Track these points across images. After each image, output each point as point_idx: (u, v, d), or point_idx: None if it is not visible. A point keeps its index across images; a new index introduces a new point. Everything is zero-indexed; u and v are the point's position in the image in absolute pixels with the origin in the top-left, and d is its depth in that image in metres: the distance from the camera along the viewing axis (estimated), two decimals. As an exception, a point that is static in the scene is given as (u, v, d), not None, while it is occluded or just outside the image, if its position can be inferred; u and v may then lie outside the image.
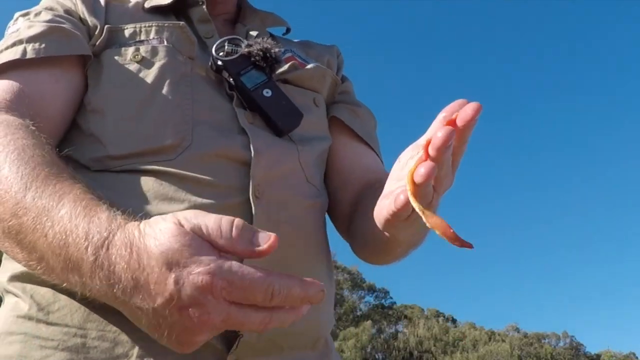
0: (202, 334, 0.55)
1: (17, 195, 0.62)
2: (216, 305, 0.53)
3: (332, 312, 0.90)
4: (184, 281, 0.52)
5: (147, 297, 0.54)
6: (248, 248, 0.56)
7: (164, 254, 0.53)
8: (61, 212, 0.59)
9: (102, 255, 0.56)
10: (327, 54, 1.06)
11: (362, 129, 0.99)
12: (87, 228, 0.58)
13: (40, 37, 0.79)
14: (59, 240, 0.58)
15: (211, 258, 0.53)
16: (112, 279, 0.55)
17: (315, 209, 0.87)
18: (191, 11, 0.93)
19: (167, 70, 0.81)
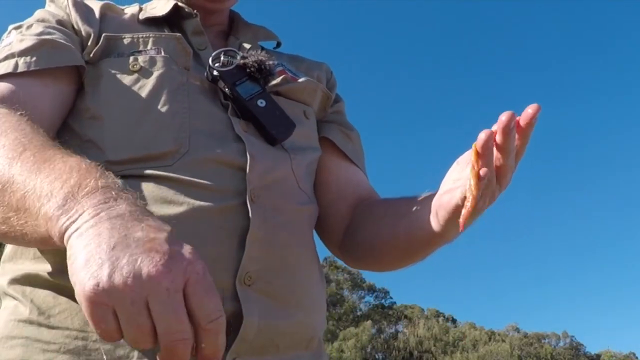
0: (140, 282, 0.49)
1: (13, 155, 0.64)
2: (179, 275, 0.50)
3: (324, 314, 0.94)
4: (176, 242, 0.54)
5: (128, 226, 0.53)
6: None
7: (170, 227, 0.56)
8: (67, 162, 0.61)
9: (112, 189, 0.57)
10: (316, 70, 1.08)
11: (354, 153, 1.05)
12: (102, 174, 0.60)
13: (31, 50, 0.81)
14: (59, 174, 0.59)
15: None
16: (108, 202, 0.55)
17: (306, 215, 0.90)
18: (185, 23, 0.96)
19: (164, 80, 0.84)
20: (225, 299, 0.74)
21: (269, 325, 0.77)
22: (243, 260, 0.76)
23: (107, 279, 0.49)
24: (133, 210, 0.55)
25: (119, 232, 0.52)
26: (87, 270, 0.50)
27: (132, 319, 0.49)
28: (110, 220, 0.53)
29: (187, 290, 0.50)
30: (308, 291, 0.85)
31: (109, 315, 0.49)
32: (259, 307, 0.76)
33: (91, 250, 0.51)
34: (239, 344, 0.74)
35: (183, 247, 0.53)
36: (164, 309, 0.49)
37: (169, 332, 0.49)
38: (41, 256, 0.76)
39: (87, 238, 0.52)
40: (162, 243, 0.52)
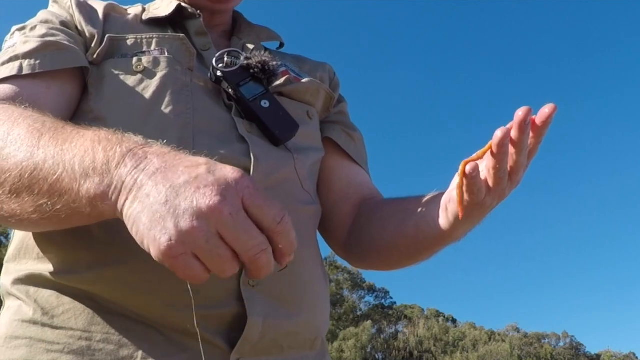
0: (205, 220, 0.52)
1: (31, 142, 0.64)
2: (234, 197, 0.53)
3: (328, 314, 0.94)
4: (216, 169, 0.55)
5: (170, 177, 0.54)
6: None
7: (204, 158, 0.57)
8: (85, 136, 0.62)
9: (138, 149, 0.58)
10: (319, 70, 1.09)
11: (357, 154, 1.05)
12: (119, 139, 0.61)
13: (35, 52, 0.81)
14: (85, 149, 0.60)
15: None
16: (139, 162, 0.57)
17: (310, 215, 0.91)
18: (188, 24, 0.96)
19: (168, 81, 0.84)
20: (229, 300, 0.74)
21: (273, 325, 0.77)
22: None
23: (175, 231, 0.51)
24: (166, 160, 0.57)
25: (164, 186, 0.54)
26: (154, 231, 0.52)
27: (212, 254, 0.52)
28: (151, 178, 0.55)
29: (246, 206, 0.53)
30: (312, 291, 0.86)
31: (191, 261, 0.52)
32: (263, 307, 0.76)
33: (148, 213, 0.53)
34: (243, 344, 0.74)
35: (224, 169, 0.55)
36: (235, 232, 0.52)
37: (248, 250, 0.53)
38: (45, 256, 0.76)
39: (138, 204, 0.54)
40: (206, 176, 0.54)
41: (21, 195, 0.63)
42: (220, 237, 0.52)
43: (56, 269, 0.75)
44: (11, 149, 0.64)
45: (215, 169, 0.55)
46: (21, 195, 0.63)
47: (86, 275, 0.73)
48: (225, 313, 0.74)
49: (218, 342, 0.74)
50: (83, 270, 0.73)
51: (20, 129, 0.66)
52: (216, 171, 0.55)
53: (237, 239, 0.52)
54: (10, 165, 0.64)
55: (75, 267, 0.74)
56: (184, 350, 0.73)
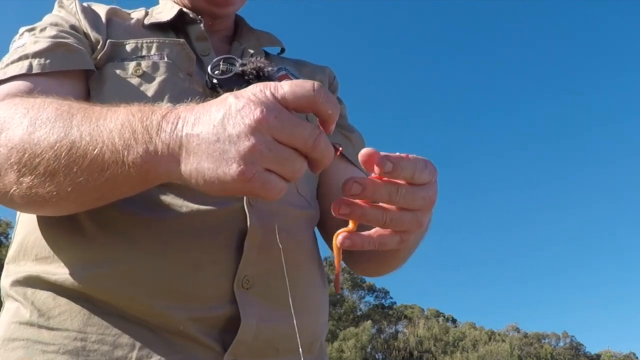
0: (258, 133, 0.54)
1: (63, 123, 0.64)
2: (269, 102, 0.55)
3: (326, 318, 0.94)
4: (243, 93, 0.57)
5: (208, 121, 0.56)
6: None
7: (233, 93, 0.59)
8: (117, 112, 0.63)
9: (169, 114, 0.60)
10: (319, 73, 1.09)
11: (355, 155, 1.04)
12: (150, 109, 0.62)
13: (46, 52, 0.82)
14: (122, 123, 0.61)
15: None
16: (176, 122, 0.58)
17: (305, 219, 0.91)
18: (189, 29, 0.96)
19: (167, 85, 0.84)
20: (223, 302, 0.75)
21: (267, 328, 0.77)
22: (241, 264, 0.76)
23: (239, 156, 0.54)
24: (196, 111, 0.58)
25: (207, 129, 0.56)
26: (222, 168, 0.55)
27: (280, 158, 0.55)
28: (193, 130, 0.57)
29: (288, 105, 0.56)
30: (308, 295, 0.86)
31: (266, 176, 0.55)
32: (257, 310, 0.77)
33: (207, 157, 0.56)
34: (237, 346, 0.75)
35: (247, 90, 0.57)
36: (288, 129, 0.55)
37: (306, 138, 0.56)
38: (43, 257, 0.77)
39: (193, 157, 0.57)
40: (237, 102, 0.56)
41: (57, 176, 0.63)
42: (279, 142, 0.55)
43: (53, 270, 0.76)
44: (42, 132, 0.64)
45: (240, 93, 0.57)
46: (57, 175, 0.63)
47: (82, 276, 0.74)
48: (219, 315, 0.75)
49: (212, 344, 0.74)
50: (79, 271, 0.74)
51: (48, 113, 0.66)
52: (242, 94, 0.57)
53: (293, 134, 0.55)
54: (43, 147, 0.63)
55: (71, 268, 0.75)
56: (178, 351, 0.73)
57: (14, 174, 0.65)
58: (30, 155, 0.64)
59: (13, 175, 0.66)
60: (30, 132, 0.65)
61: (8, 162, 0.65)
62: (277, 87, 0.57)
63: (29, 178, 0.64)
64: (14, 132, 0.66)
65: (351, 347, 31.90)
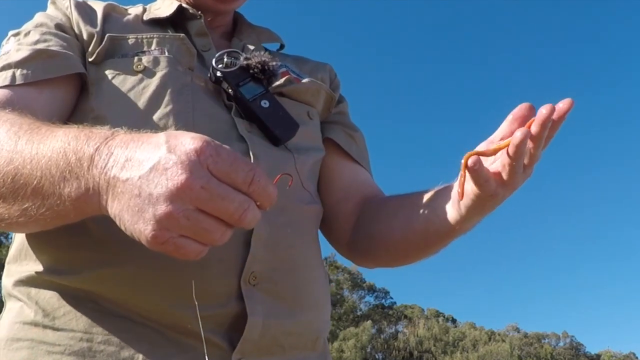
0: (178, 200, 0.52)
1: (9, 147, 0.64)
2: (200, 169, 0.53)
3: (329, 314, 0.94)
4: (175, 145, 0.54)
5: (136, 167, 0.55)
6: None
7: (168, 134, 0.57)
8: (57, 137, 0.62)
9: (103, 146, 0.58)
10: (320, 71, 1.09)
11: (358, 153, 1.05)
12: (87, 135, 0.60)
13: (27, 61, 0.81)
14: (58, 152, 0.60)
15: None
16: (107, 161, 0.57)
17: (310, 214, 0.91)
18: (189, 24, 0.96)
19: (168, 80, 0.84)
20: (230, 299, 0.75)
21: (273, 325, 0.77)
22: (248, 260, 0.76)
23: (154, 219, 0.52)
24: (129, 149, 0.57)
25: (133, 179, 0.54)
26: (138, 225, 0.54)
27: (197, 229, 0.53)
28: (120, 174, 0.55)
29: (215, 175, 0.53)
30: (313, 291, 0.86)
31: (181, 241, 0.54)
32: (264, 307, 0.76)
33: (127, 209, 0.54)
34: (244, 344, 0.74)
35: (183, 144, 0.54)
36: (213, 202, 0.53)
37: (232, 214, 0.54)
38: (45, 257, 0.76)
39: (117, 203, 0.56)
40: (168, 157, 0.53)
41: (7, 200, 0.64)
42: (201, 211, 0.53)
43: (57, 269, 0.75)
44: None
45: (176, 145, 0.54)
46: (7, 199, 0.64)
47: (86, 276, 0.73)
48: (226, 313, 0.74)
49: (219, 342, 0.74)
50: (83, 270, 0.73)
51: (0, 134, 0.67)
52: (177, 148, 0.54)
53: (217, 207, 0.53)
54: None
55: (76, 267, 0.74)
56: (185, 350, 0.73)
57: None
58: None
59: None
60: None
61: None
62: (214, 157, 0.54)
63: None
64: None
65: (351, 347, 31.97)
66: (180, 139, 0.55)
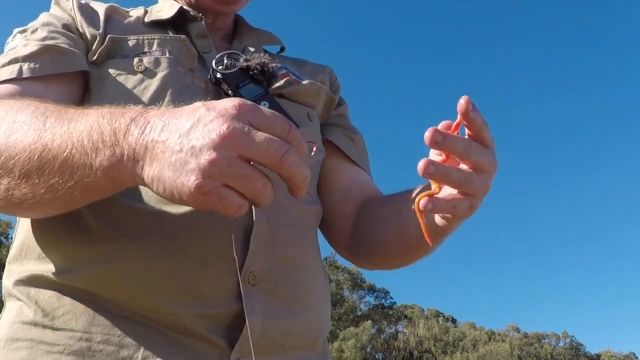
0: (222, 148, 0.54)
1: (36, 126, 0.65)
2: (240, 119, 0.55)
3: (329, 315, 0.94)
4: (214, 105, 0.57)
5: (175, 128, 0.57)
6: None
7: (199, 102, 0.59)
8: (89, 114, 0.63)
9: (139, 116, 0.60)
10: (320, 73, 1.09)
11: (358, 155, 1.06)
12: (121, 110, 0.62)
13: (36, 56, 0.82)
14: (91, 125, 0.61)
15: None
16: (144, 128, 0.59)
17: (309, 215, 0.91)
18: (190, 26, 0.96)
19: (169, 81, 0.84)
20: (229, 299, 0.75)
21: (273, 324, 0.77)
22: (247, 259, 0.76)
23: (198, 168, 0.54)
24: (166, 117, 0.59)
25: (173, 137, 0.56)
26: (180, 178, 0.55)
27: (239, 176, 0.54)
28: (159, 136, 0.57)
29: (255, 125, 0.56)
30: (313, 291, 0.86)
31: (224, 191, 0.54)
32: (263, 306, 0.77)
33: (168, 165, 0.56)
34: (243, 343, 0.74)
35: (221, 102, 0.57)
36: (254, 146, 0.54)
37: (272, 155, 0.55)
38: (46, 257, 0.77)
39: (156, 163, 0.57)
40: (207, 114, 0.56)
41: (31, 178, 0.64)
42: (243, 159, 0.55)
43: (56, 268, 0.75)
44: (18, 135, 0.65)
45: (214, 105, 0.57)
46: (31, 177, 0.64)
47: (86, 275, 0.73)
48: (226, 312, 0.75)
49: (218, 341, 0.74)
50: (83, 269, 0.73)
51: (25, 115, 0.67)
52: (215, 106, 0.57)
53: (258, 151, 0.54)
54: (18, 150, 0.65)
55: (75, 266, 0.74)
56: (184, 350, 0.73)
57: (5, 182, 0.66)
58: (6, 157, 0.65)
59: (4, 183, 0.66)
60: (6, 135, 0.66)
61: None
62: (253, 111, 0.57)
63: (6, 180, 0.66)
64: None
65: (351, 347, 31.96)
66: (217, 102, 0.58)
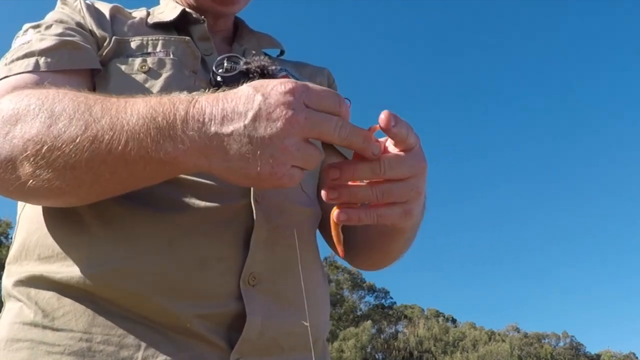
0: (290, 135, 0.58)
1: (80, 115, 0.64)
2: (298, 104, 0.59)
3: (328, 316, 0.94)
4: (270, 93, 0.59)
5: (237, 119, 0.59)
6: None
7: (250, 85, 0.62)
8: (137, 103, 0.64)
9: (192, 108, 0.61)
10: (319, 75, 1.10)
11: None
12: (170, 100, 0.63)
13: (52, 50, 0.81)
14: (145, 117, 0.62)
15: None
16: (203, 119, 0.60)
17: (308, 216, 0.91)
18: (192, 28, 0.97)
19: (172, 82, 0.85)
20: (229, 299, 0.75)
21: (272, 325, 0.78)
22: (247, 261, 0.77)
23: (272, 158, 0.58)
24: (222, 107, 0.61)
25: (239, 128, 0.59)
26: (254, 169, 0.59)
27: (306, 157, 0.60)
28: (223, 128, 0.60)
29: (311, 106, 0.60)
30: (313, 292, 0.86)
31: (293, 171, 0.60)
32: (263, 307, 0.77)
33: (240, 158, 0.59)
34: (242, 344, 0.75)
35: (274, 89, 0.60)
36: (318, 128, 0.59)
37: (333, 131, 0.60)
38: (46, 257, 0.77)
39: (224, 154, 0.60)
40: (266, 104, 0.59)
41: (77, 169, 0.64)
42: (307, 140, 0.60)
43: (57, 269, 0.75)
44: (61, 124, 0.64)
45: (269, 92, 0.59)
46: (77, 169, 0.64)
47: (86, 275, 0.73)
48: (226, 312, 0.75)
49: (218, 342, 0.74)
50: (83, 269, 0.73)
51: (65, 104, 0.66)
52: (270, 94, 0.59)
53: (323, 131, 0.60)
54: (63, 140, 0.63)
55: (76, 266, 0.74)
56: (184, 350, 0.73)
57: (30, 167, 0.65)
58: (49, 148, 0.64)
59: (29, 168, 0.65)
60: (48, 124, 0.65)
61: (24, 155, 0.65)
62: (306, 92, 0.60)
63: (47, 171, 0.65)
64: (30, 124, 0.66)
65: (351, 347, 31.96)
66: (270, 85, 0.60)
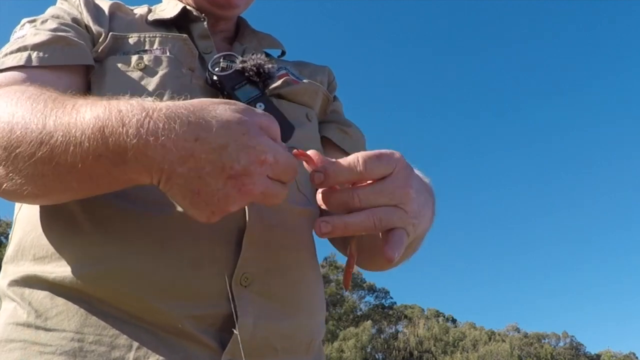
0: (238, 203, 0.59)
1: (38, 126, 0.62)
2: (261, 177, 0.59)
3: (323, 318, 0.93)
4: (240, 154, 0.58)
5: (196, 165, 0.57)
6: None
7: (230, 121, 0.59)
8: (86, 116, 0.60)
9: (144, 119, 0.58)
10: (319, 73, 1.10)
11: (353, 147, 1.04)
12: (123, 107, 0.59)
13: (45, 45, 0.81)
14: (95, 137, 0.58)
15: (269, 141, 0.61)
16: (158, 153, 0.57)
17: (305, 216, 0.90)
18: (192, 26, 0.96)
19: (168, 80, 0.84)
20: (220, 300, 0.74)
21: (265, 326, 0.77)
22: (239, 261, 0.76)
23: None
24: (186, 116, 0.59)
25: (195, 171, 0.58)
26: (201, 210, 0.61)
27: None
28: (179, 167, 0.58)
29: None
30: (306, 293, 0.85)
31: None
32: (255, 308, 0.76)
33: (190, 196, 0.60)
34: (234, 345, 0.74)
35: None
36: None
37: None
38: (41, 257, 0.77)
39: (179, 189, 0.59)
40: (229, 157, 0.58)
41: (45, 176, 0.64)
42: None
43: (50, 269, 0.75)
44: (19, 133, 0.63)
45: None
46: (46, 176, 0.64)
47: (79, 275, 0.73)
48: (217, 313, 0.74)
49: (210, 343, 0.74)
50: (76, 269, 0.73)
51: (27, 107, 0.65)
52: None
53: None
54: (19, 138, 0.63)
55: (69, 266, 0.74)
56: (176, 351, 0.73)
57: (3, 170, 0.66)
58: (15, 155, 0.64)
59: (2, 170, 0.66)
60: (9, 130, 0.64)
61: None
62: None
63: (18, 176, 0.65)
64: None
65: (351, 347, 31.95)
66: (245, 141, 0.59)
